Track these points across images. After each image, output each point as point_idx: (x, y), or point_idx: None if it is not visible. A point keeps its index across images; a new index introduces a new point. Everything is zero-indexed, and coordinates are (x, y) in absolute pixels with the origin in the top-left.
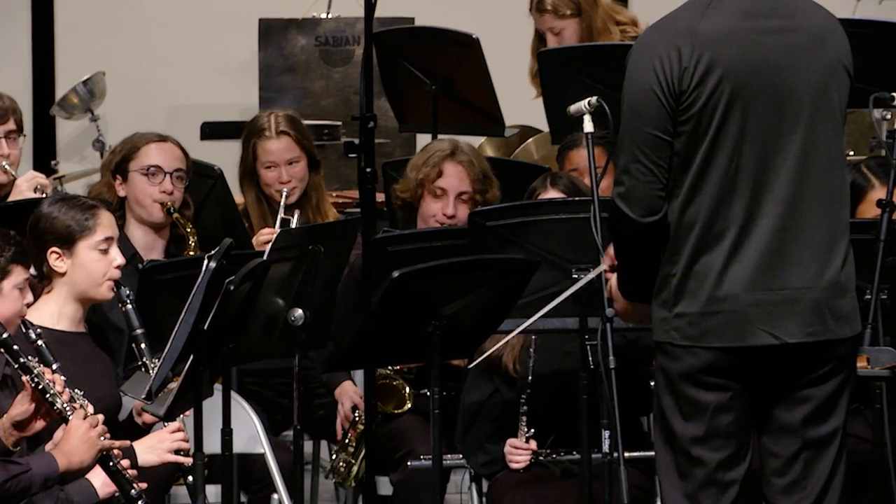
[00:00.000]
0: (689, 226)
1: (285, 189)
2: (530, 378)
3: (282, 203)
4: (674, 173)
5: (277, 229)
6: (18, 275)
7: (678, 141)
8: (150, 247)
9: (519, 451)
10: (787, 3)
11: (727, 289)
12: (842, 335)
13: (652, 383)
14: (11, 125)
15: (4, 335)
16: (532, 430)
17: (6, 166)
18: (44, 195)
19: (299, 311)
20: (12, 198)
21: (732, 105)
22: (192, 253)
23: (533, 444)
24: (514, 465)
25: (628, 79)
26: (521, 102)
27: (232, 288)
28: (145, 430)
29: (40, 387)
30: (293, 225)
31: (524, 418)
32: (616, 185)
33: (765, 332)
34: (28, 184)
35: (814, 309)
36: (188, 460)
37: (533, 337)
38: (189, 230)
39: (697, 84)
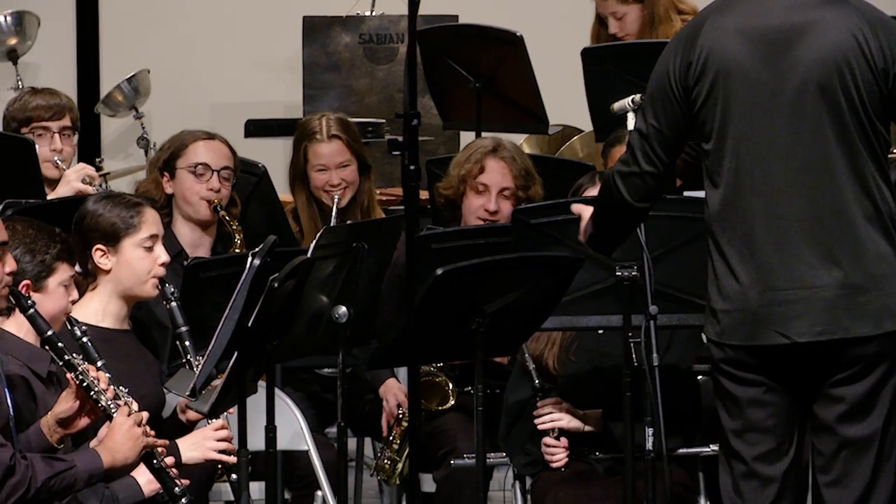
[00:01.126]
0: (710, 222)
1: (336, 195)
2: (536, 382)
3: (333, 209)
4: (705, 170)
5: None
6: (63, 272)
7: (702, 137)
8: (197, 244)
9: (555, 450)
10: (805, 3)
11: (739, 288)
12: (861, 333)
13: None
14: (67, 122)
15: (49, 332)
16: (557, 429)
17: (58, 161)
18: (92, 186)
19: (343, 309)
20: (60, 189)
21: (731, 101)
22: (237, 250)
23: (564, 441)
24: (553, 464)
25: (653, 71)
26: (563, 100)
27: (276, 285)
28: (189, 427)
29: (85, 384)
30: None
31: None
32: (620, 163)
33: (775, 332)
34: (76, 174)
35: (825, 307)
36: (232, 459)
37: (525, 345)
38: (235, 227)
39: (698, 79)
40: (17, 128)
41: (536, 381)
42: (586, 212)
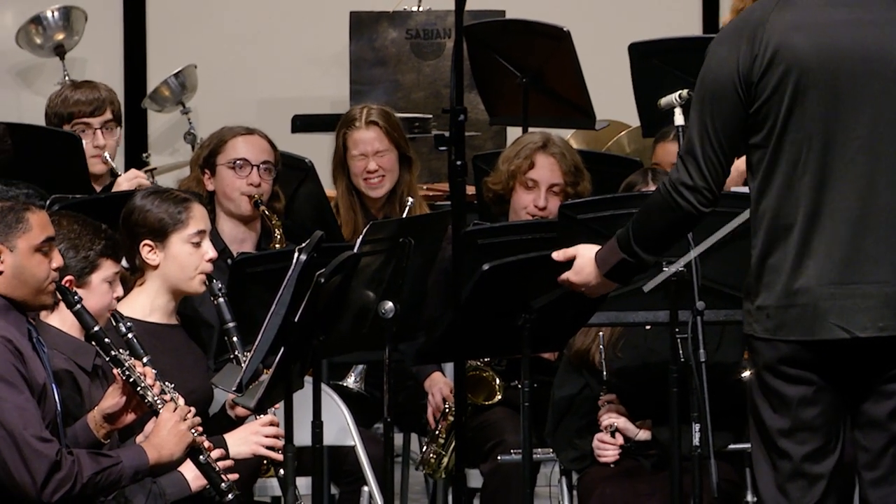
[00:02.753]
0: (762, 218)
1: (376, 179)
2: (605, 375)
3: (374, 194)
4: (752, 166)
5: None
6: (108, 268)
7: (754, 132)
8: (241, 240)
9: (607, 446)
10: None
11: (800, 282)
12: None
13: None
14: (108, 115)
15: (96, 328)
16: (616, 425)
17: (107, 157)
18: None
19: (389, 304)
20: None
21: (798, 96)
22: (278, 246)
23: (620, 439)
24: (602, 460)
25: (703, 69)
26: (611, 95)
27: (322, 280)
28: (238, 423)
29: (131, 380)
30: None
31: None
32: (678, 172)
33: (836, 327)
34: (129, 184)
35: (887, 303)
36: (279, 456)
37: (600, 333)
38: (275, 223)
39: (764, 74)
40: (59, 123)
41: (605, 374)
42: (581, 252)
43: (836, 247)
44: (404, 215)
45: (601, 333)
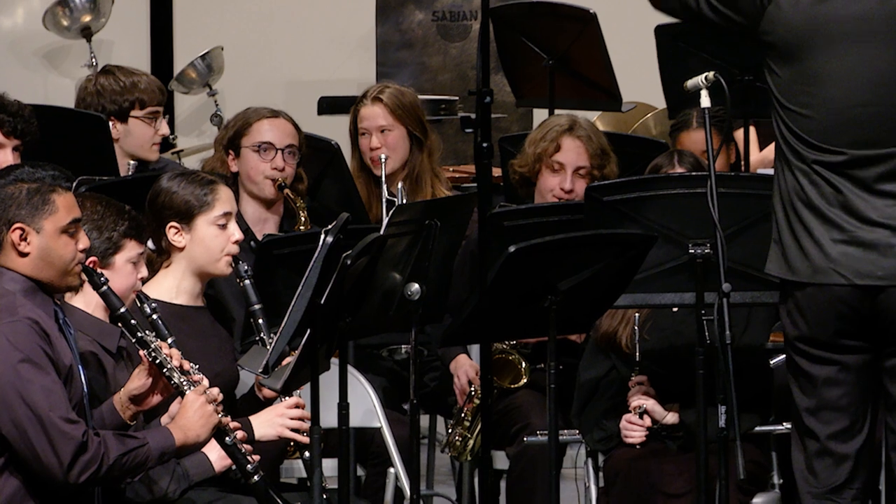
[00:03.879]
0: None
1: (383, 155)
2: (638, 356)
3: (383, 175)
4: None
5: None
6: (131, 249)
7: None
8: (264, 221)
9: (634, 427)
10: None
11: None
12: None
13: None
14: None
15: (122, 309)
16: (644, 407)
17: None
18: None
19: (416, 286)
20: None
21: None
22: (302, 228)
23: (647, 421)
24: (629, 441)
25: None
26: (637, 77)
27: (349, 262)
28: (266, 404)
29: (157, 361)
30: (401, 199)
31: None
32: None
33: (837, 274)
34: None
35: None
36: (305, 439)
37: (636, 314)
38: (299, 205)
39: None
40: (128, 108)
41: (637, 356)
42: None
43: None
44: (383, 173)
45: (637, 315)
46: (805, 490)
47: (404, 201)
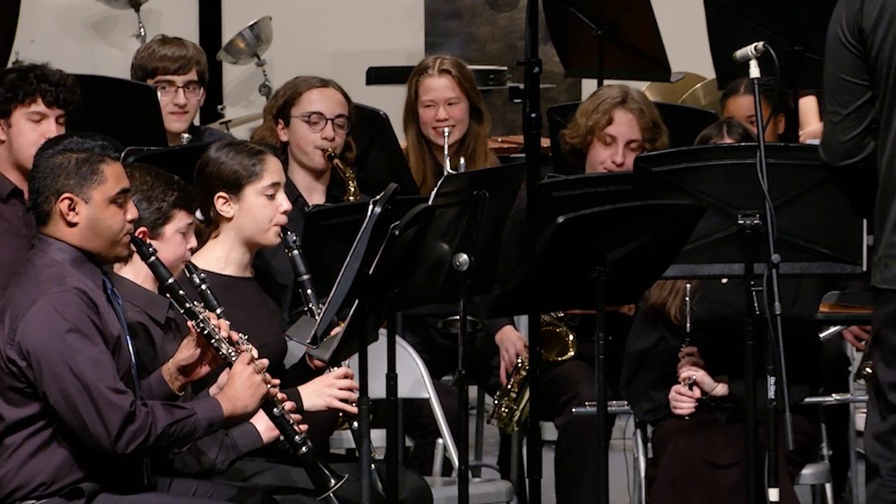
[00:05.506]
0: (879, 172)
1: (446, 129)
2: (688, 328)
3: (445, 145)
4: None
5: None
6: (181, 220)
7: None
8: (312, 190)
9: (683, 398)
10: None
11: None
12: None
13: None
14: (193, 76)
15: (170, 280)
16: (694, 378)
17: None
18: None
19: (464, 257)
20: None
21: None
22: (351, 198)
23: (697, 392)
24: (678, 412)
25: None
26: (686, 47)
27: (397, 233)
28: (316, 374)
29: (205, 332)
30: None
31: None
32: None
33: None
34: None
35: None
36: (353, 409)
37: (687, 286)
38: (349, 175)
39: (873, 29)
40: (143, 77)
41: (688, 327)
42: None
43: None
44: (445, 144)
45: (688, 286)
46: (880, 461)
47: None
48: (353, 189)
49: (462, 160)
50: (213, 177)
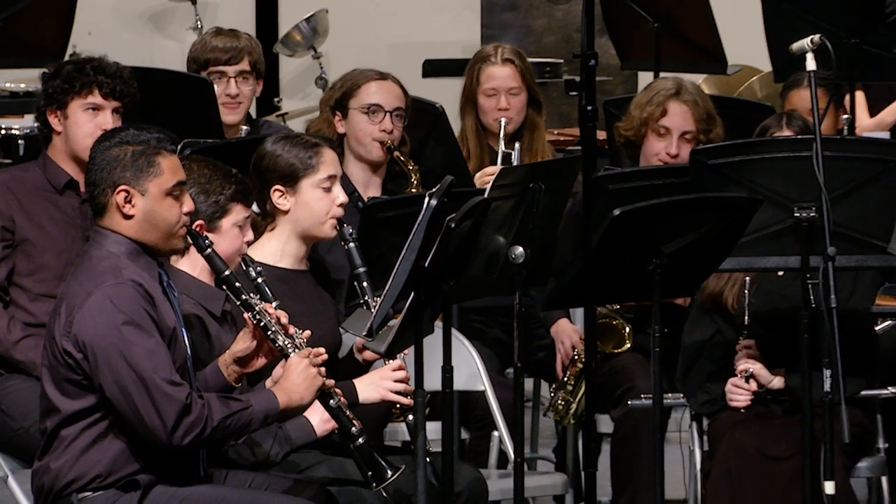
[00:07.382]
0: None
1: (503, 119)
2: (747, 320)
3: (501, 133)
4: None
5: (499, 166)
6: (238, 213)
7: None
8: (368, 183)
9: (740, 391)
10: None
11: None
12: None
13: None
14: (245, 66)
15: (227, 272)
16: (751, 371)
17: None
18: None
19: (520, 249)
20: None
21: None
22: (414, 190)
23: (753, 385)
24: (734, 404)
25: None
26: (743, 40)
27: (453, 225)
28: (365, 367)
29: (262, 324)
30: (514, 159)
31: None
32: None
33: None
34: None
35: None
36: (409, 401)
37: (746, 278)
38: (412, 167)
39: None
40: (197, 69)
41: (746, 320)
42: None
43: None
44: (501, 134)
45: (747, 278)
46: None
47: (516, 162)
48: (415, 181)
49: (517, 145)
50: (269, 170)
